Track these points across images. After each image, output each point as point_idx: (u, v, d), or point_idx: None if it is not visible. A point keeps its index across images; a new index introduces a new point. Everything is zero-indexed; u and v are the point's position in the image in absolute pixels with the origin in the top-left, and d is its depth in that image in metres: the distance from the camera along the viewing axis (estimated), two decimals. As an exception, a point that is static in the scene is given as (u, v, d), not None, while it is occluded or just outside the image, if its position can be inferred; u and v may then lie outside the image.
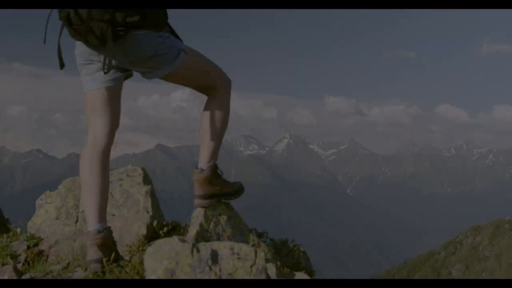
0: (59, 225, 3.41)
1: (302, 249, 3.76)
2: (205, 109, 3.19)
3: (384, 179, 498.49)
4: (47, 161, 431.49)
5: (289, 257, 3.59)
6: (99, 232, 2.78)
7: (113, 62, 2.78)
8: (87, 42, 2.73)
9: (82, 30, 2.64)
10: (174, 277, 2.48)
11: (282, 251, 3.63)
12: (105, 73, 2.69)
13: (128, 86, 3.03)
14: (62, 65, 2.83)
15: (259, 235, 3.50)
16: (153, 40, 2.76)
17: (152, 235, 3.34)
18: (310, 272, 3.49)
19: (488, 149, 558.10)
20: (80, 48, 2.84)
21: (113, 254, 2.79)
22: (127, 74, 2.97)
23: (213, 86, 3.13)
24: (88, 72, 2.86)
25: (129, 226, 3.35)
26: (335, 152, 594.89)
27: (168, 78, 2.98)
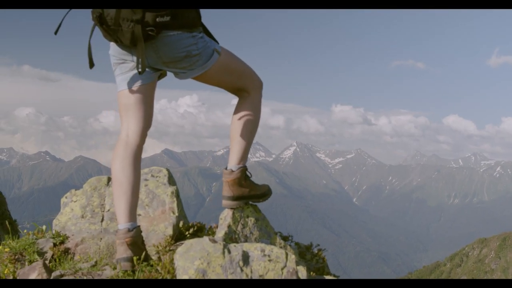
0: (85, 224, 3.41)
1: (324, 255, 3.73)
2: (236, 111, 3.17)
3: (390, 189, 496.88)
4: (54, 163, 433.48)
5: (313, 261, 3.57)
6: (129, 230, 2.77)
7: (146, 62, 2.78)
8: (117, 42, 2.74)
9: (112, 30, 2.64)
10: (206, 278, 2.47)
11: (306, 255, 3.60)
12: (139, 73, 2.68)
13: None
14: (92, 65, 2.82)
15: (284, 238, 3.48)
16: (185, 40, 2.74)
17: (178, 236, 3.34)
18: (334, 277, 3.46)
19: (496, 161, 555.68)
20: (113, 48, 2.84)
21: (143, 253, 2.79)
22: (161, 74, 2.97)
23: (244, 88, 3.12)
24: (121, 72, 2.86)
25: (155, 226, 3.34)
26: (342, 161, 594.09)
27: (200, 78, 2.97)
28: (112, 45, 2.85)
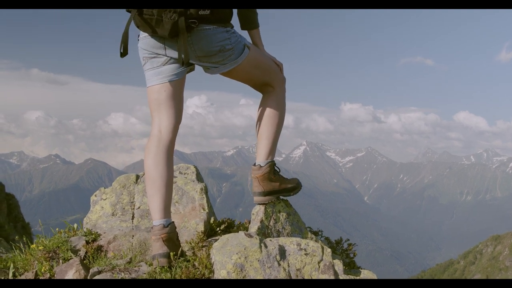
0: (116, 221, 3.42)
1: (354, 250, 3.72)
2: (262, 106, 3.18)
3: (402, 187, 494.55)
4: (65, 166, 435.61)
5: (343, 256, 3.55)
6: (164, 226, 2.77)
7: (177, 55, 2.77)
8: (155, 33, 2.70)
9: (153, 20, 2.62)
10: (244, 272, 2.50)
11: (336, 250, 3.59)
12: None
13: (145, 93, 2.99)
14: (125, 53, 2.75)
15: (315, 233, 3.47)
16: (220, 35, 2.75)
17: (209, 232, 3.34)
18: (367, 270, 3.45)
19: (508, 157, 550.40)
20: (145, 41, 2.82)
21: (180, 249, 2.79)
22: (190, 68, 2.98)
23: (270, 83, 3.13)
24: (152, 66, 2.85)
25: (186, 222, 3.34)
26: (352, 159, 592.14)
27: (229, 74, 2.98)
28: (143, 38, 2.83)
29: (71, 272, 2.72)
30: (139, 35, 2.88)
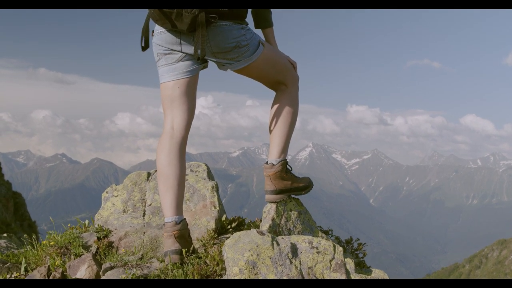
0: (127, 218, 3.43)
1: (364, 249, 3.71)
2: (275, 104, 3.17)
3: (408, 190, 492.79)
4: (71, 165, 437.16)
5: (353, 255, 3.55)
6: (176, 223, 2.78)
7: (192, 51, 2.77)
8: (174, 27, 2.71)
9: (173, 13, 2.63)
10: (256, 269, 2.50)
11: (346, 249, 3.58)
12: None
13: (151, 93, 2.96)
14: (146, 46, 2.86)
15: (325, 233, 3.46)
16: (236, 31, 2.78)
17: (220, 230, 3.35)
18: (377, 269, 3.44)
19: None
20: (161, 37, 2.84)
21: (192, 246, 2.80)
22: (203, 66, 2.99)
23: (283, 81, 3.12)
24: (167, 62, 2.87)
25: (197, 220, 3.35)
26: (358, 161, 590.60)
27: (243, 71, 2.97)
28: (159, 33, 2.84)
29: (84, 267, 2.73)
30: (153, 31, 2.89)
